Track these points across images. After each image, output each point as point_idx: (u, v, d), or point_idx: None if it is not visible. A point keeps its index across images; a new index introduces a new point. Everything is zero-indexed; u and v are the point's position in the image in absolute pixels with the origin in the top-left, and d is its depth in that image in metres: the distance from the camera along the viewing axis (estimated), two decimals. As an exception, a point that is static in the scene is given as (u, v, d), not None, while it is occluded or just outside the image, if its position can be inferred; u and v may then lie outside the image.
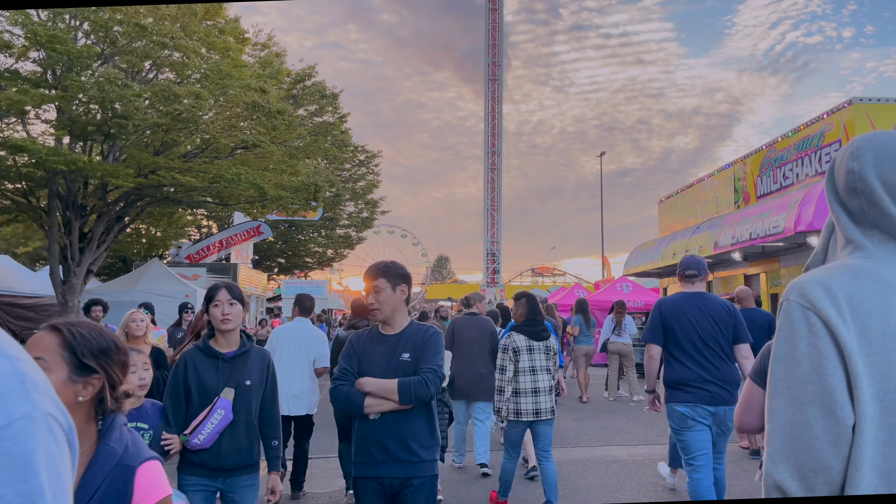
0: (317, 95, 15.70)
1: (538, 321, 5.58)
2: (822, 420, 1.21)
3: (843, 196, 1.41)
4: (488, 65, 55.58)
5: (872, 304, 1.26)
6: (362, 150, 27.71)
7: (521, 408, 5.36)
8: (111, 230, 15.56)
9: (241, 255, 22.19)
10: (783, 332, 1.30)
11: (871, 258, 1.34)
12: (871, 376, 1.21)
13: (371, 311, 3.22)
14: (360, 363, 3.20)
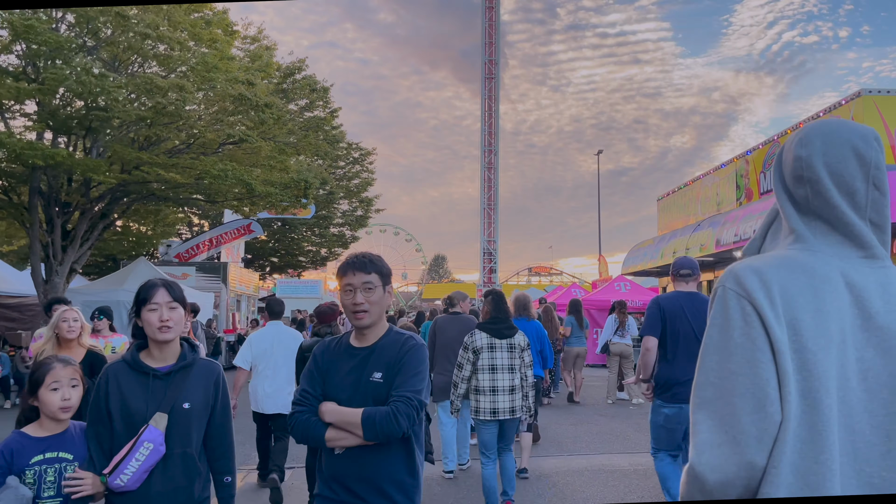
0: (307, 89, 15.20)
1: (502, 319, 5.48)
2: (752, 414, 1.18)
3: (790, 183, 1.36)
4: (485, 63, 55.13)
5: (806, 298, 1.23)
6: (356, 148, 27.24)
7: (480, 406, 5.30)
8: (95, 228, 15.09)
9: (232, 253, 21.70)
10: (717, 321, 1.25)
11: (810, 251, 1.30)
12: (798, 372, 1.19)
13: (357, 314, 2.55)
14: (325, 383, 2.59)
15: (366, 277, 2.56)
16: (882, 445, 1.22)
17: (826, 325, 1.22)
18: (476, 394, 5.35)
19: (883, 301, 1.27)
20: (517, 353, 5.39)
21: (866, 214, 1.31)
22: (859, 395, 1.23)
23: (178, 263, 19.90)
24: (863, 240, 1.30)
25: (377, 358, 2.55)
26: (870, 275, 1.29)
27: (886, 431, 1.22)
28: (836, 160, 1.31)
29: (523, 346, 5.46)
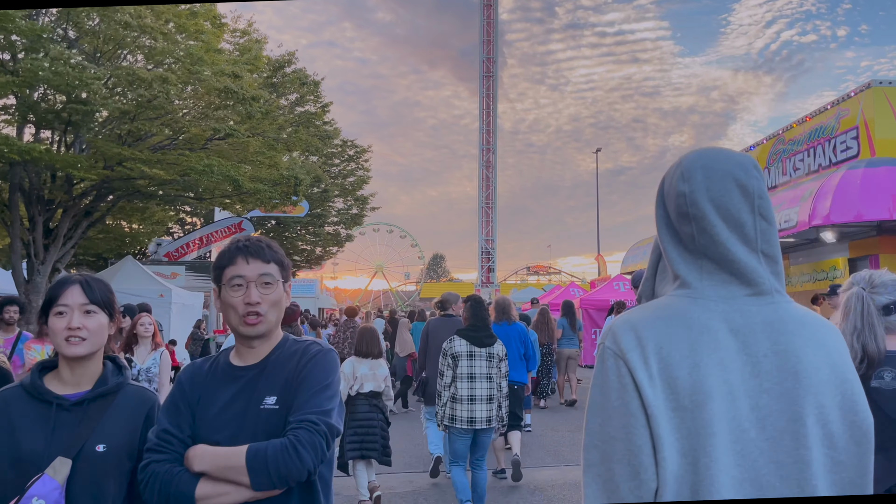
0: (297, 83, 14.74)
1: (482, 327, 5.40)
2: (628, 481, 1.17)
3: (675, 221, 1.32)
4: (483, 61, 54.70)
5: (682, 353, 1.20)
6: (351, 145, 26.74)
7: (457, 414, 5.20)
8: (79, 226, 14.60)
9: (223, 252, 21.26)
10: (598, 381, 1.24)
11: (691, 297, 1.26)
12: (677, 431, 1.16)
13: (250, 317, 1.85)
14: (196, 419, 1.85)
15: (264, 268, 1.88)
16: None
17: (704, 379, 1.17)
18: (453, 402, 5.22)
19: (770, 342, 1.21)
20: (495, 363, 5.30)
21: (758, 247, 1.26)
22: (761, 445, 1.17)
23: (168, 262, 19.42)
24: (749, 276, 1.24)
25: (270, 377, 1.85)
26: (756, 315, 1.23)
27: (797, 482, 1.16)
28: (720, 193, 1.26)
29: (501, 356, 5.37)
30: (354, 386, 5.63)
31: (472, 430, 5.22)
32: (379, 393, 5.74)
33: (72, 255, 14.83)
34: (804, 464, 1.16)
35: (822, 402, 1.19)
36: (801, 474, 1.16)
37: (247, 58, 13.97)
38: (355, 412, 5.64)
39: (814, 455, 1.17)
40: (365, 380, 5.66)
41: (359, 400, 5.66)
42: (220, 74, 12.27)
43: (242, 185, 13.19)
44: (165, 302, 15.73)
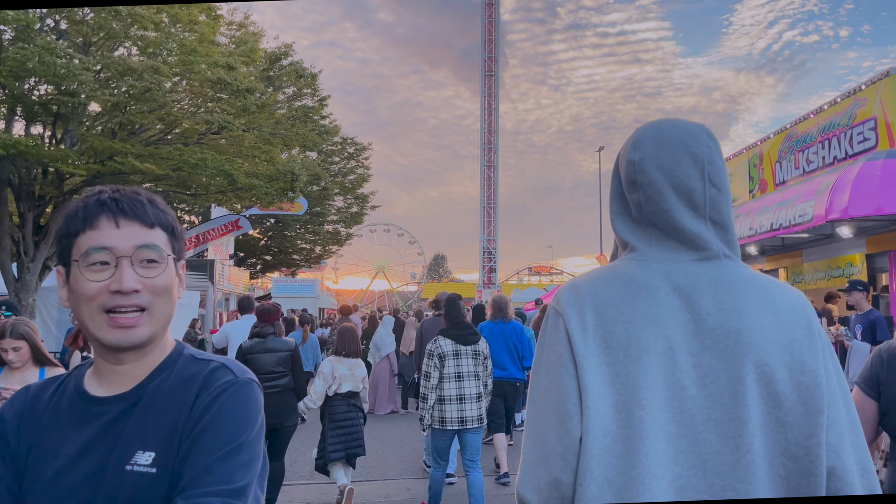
0: (294, 76, 14.30)
1: (464, 324, 5.29)
2: (556, 431, 1.18)
3: (626, 188, 1.32)
4: (485, 60, 54.28)
5: (619, 309, 1.20)
6: (351, 143, 26.31)
7: (447, 416, 5.05)
8: (70, 223, 14.20)
9: (220, 250, 20.81)
10: (541, 339, 1.26)
11: (636, 260, 1.27)
12: (612, 385, 1.16)
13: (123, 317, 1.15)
14: (22, 485, 1.15)
15: (144, 235, 1.18)
16: (731, 455, 1.15)
17: (641, 334, 1.18)
18: (441, 403, 5.07)
19: (715, 300, 1.21)
20: (481, 360, 5.21)
21: (706, 213, 1.25)
22: (700, 402, 1.16)
23: (164, 261, 19.02)
24: (696, 242, 1.24)
25: (146, 419, 1.15)
26: (701, 275, 1.23)
27: (734, 439, 1.15)
28: (669, 161, 1.27)
29: (486, 353, 5.29)
30: (333, 386, 5.47)
31: (461, 429, 5.09)
32: (356, 393, 5.61)
33: (63, 252, 14.43)
34: (741, 422, 1.15)
35: (765, 360, 1.17)
36: (738, 432, 1.15)
37: (242, 50, 13.55)
38: (334, 413, 5.49)
39: (752, 413, 1.15)
40: (344, 380, 5.51)
41: (337, 400, 5.52)
42: (214, 66, 11.85)
43: (237, 181, 12.75)
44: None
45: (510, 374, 6.75)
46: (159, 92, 11.29)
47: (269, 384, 5.29)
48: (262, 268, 28.30)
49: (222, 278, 19.43)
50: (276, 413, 5.24)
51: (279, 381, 5.40)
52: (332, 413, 5.49)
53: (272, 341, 5.49)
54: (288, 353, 5.52)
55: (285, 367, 5.46)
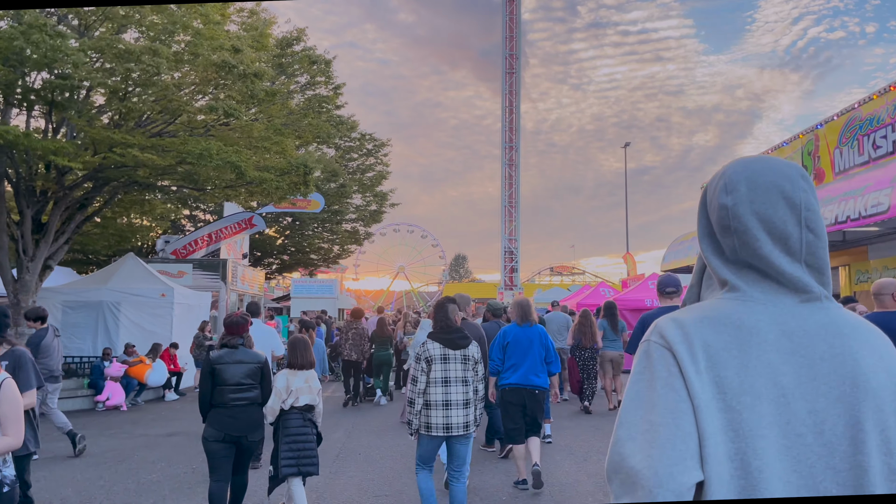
0: (306, 62, 13.25)
1: (453, 328, 5.10)
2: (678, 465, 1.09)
3: (718, 233, 1.28)
4: (506, 57, 53.12)
5: (730, 354, 1.16)
6: (370, 139, 25.29)
7: (432, 421, 4.85)
8: (72, 220, 13.33)
9: (234, 249, 19.94)
10: (642, 374, 1.18)
11: (740, 300, 1.22)
12: (724, 433, 1.11)
13: None
14: None
15: None
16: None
17: (753, 381, 1.13)
18: (427, 408, 4.88)
19: (827, 345, 1.17)
20: (471, 365, 4.99)
21: (801, 258, 1.21)
22: (818, 451, 1.12)
23: (175, 260, 18.15)
24: (797, 284, 1.20)
25: None
26: (808, 318, 1.19)
27: (854, 488, 1.11)
28: (764, 207, 1.22)
29: (477, 357, 5.07)
30: (288, 400, 5.29)
31: (446, 436, 4.89)
32: (313, 407, 5.42)
33: (65, 251, 13.55)
34: (862, 469, 1.11)
35: (880, 406, 1.13)
36: (859, 481, 1.11)
37: (251, 35, 12.59)
38: (288, 426, 5.29)
39: (872, 461, 1.11)
40: (301, 393, 5.33)
41: (292, 414, 5.32)
42: (219, 49, 10.90)
43: (245, 174, 11.79)
44: (167, 302, 14.45)
45: (531, 382, 6.30)
46: (159, 76, 10.35)
47: (236, 396, 5.15)
48: (278, 268, 27.39)
49: (235, 279, 18.53)
50: (241, 427, 5.12)
51: (247, 394, 5.21)
52: (285, 427, 5.29)
53: (241, 353, 5.31)
54: (257, 365, 5.32)
55: (254, 380, 5.27)
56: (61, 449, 8.60)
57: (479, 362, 5.05)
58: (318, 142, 15.37)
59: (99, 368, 12.36)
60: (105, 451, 8.49)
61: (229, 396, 5.09)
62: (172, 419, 11.09)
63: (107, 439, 9.31)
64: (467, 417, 4.89)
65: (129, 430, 10.11)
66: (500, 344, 6.43)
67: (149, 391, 13.28)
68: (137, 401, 12.82)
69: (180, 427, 10.18)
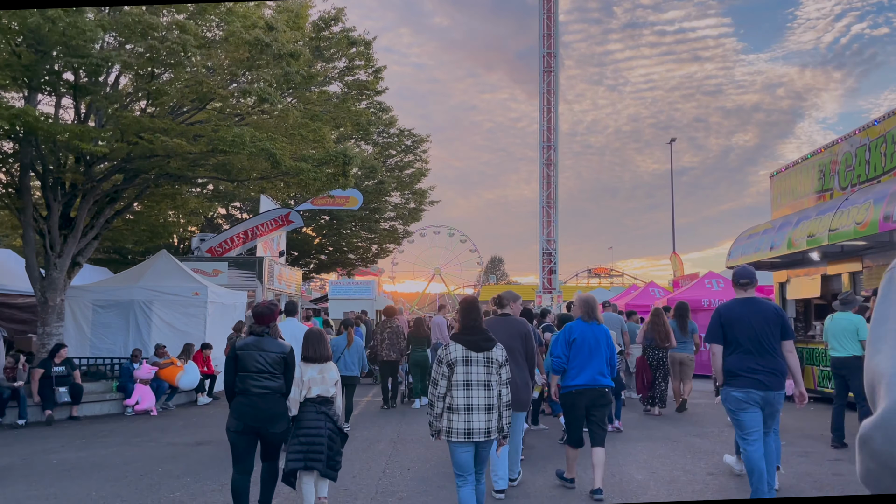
0: (345, 44, 12.26)
1: (478, 329, 4.85)
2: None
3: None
4: (543, 56, 51.87)
5: None
6: (409, 135, 24.30)
7: (453, 426, 4.62)
8: (102, 214, 12.59)
9: (270, 247, 19.12)
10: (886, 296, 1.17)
11: None
12: None
13: None
14: None
15: None
16: None
17: None
18: (448, 412, 4.66)
19: None
20: (494, 369, 4.74)
21: None
22: None
23: (210, 258, 17.40)
24: None
25: None
26: None
27: None
28: None
29: (501, 360, 4.80)
30: (303, 391, 5.25)
31: (469, 442, 4.61)
32: (329, 399, 5.33)
33: (94, 247, 12.81)
34: None
35: None
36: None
37: (286, 17, 11.66)
38: (300, 418, 5.25)
39: None
40: (313, 384, 5.29)
41: (306, 406, 5.27)
42: (252, 27, 10.00)
43: (281, 163, 10.86)
44: (200, 301, 13.63)
45: (599, 383, 5.98)
46: (187, 56, 9.47)
47: (256, 384, 5.01)
48: (316, 267, 26.53)
49: (272, 278, 17.70)
50: (260, 417, 5.01)
51: (267, 383, 5.04)
52: (298, 419, 5.24)
53: (267, 342, 5.16)
54: (281, 355, 5.14)
55: (276, 369, 5.11)
56: (81, 459, 7.74)
57: (503, 366, 4.78)
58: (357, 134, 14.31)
59: (128, 370, 11.57)
60: (128, 463, 7.60)
61: (250, 383, 4.98)
62: (203, 426, 10.20)
63: (132, 449, 8.44)
64: (489, 423, 4.63)
65: (156, 437, 9.24)
66: (564, 340, 6.07)
67: (180, 394, 12.46)
68: (168, 405, 12.00)
69: (211, 434, 9.27)
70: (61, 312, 12.21)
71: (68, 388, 10.63)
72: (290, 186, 13.33)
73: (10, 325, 15.20)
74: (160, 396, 11.74)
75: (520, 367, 6.02)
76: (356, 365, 9.76)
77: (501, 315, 6.43)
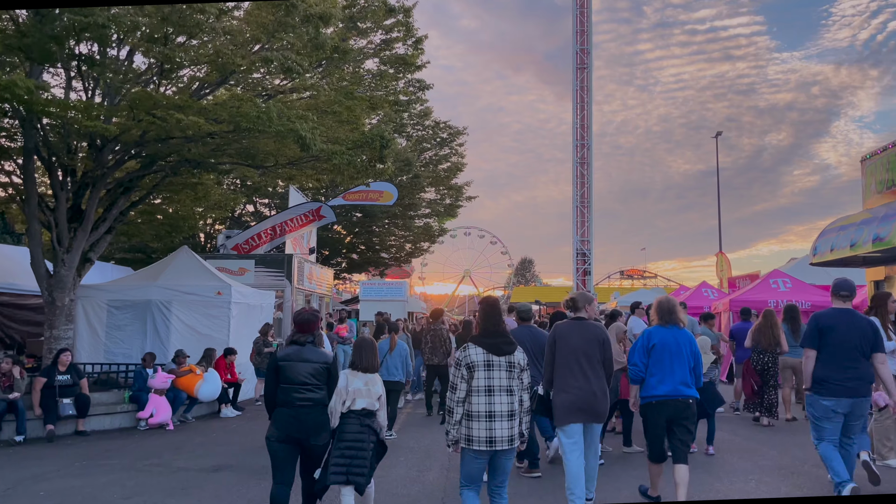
0: (382, 12, 10.73)
1: (499, 331, 4.52)
2: None
3: None
4: (576, 52, 50.17)
5: None
6: (444, 127, 22.75)
7: (473, 434, 4.28)
8: (115, 205, 11.29)
9: (300, 244, 17.76)
10: None
11: None
12: None
13: None
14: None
15: None
16: None
17: None
18: (468, 420, 4.31)
19: None
20: (516, 374, 4.42)
21: None
22: None
23: (236, 256, 16.08)
24: None
25: None
26: None
27: None
28: None
29: (523, 365, 4.49)
30: (346, 402, 4.88)
31: (490, 451, 4.29)
32: (372, 412, 4.95)
33: (107, 242, 11.51)
34: None
35: None
36: None
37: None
38: (342, 430, 4.86)
39: None
40: (358, 395, 4.91)
41: (350, 418, 4.88)
42: (278, -13, 8.58)
43: (310, 145, 9.42)
44: (224, 301, 12.26)
45: (682, 393, 5.43)
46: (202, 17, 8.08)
47: (300, 396, 4.77)
48: (347, 267, 25.12)
49: (302, 277, 16.32)
50: (304, 428, 4.76)
51: (311, 395, 4.81)
52: (341, 431, 4.88)
53: (309, 351, 4.91)
54: (324, 365, 4.91)
55: (319, 380, 4.87)
56: (72, 490, 6.34)
57: (525, 370, 4.52)
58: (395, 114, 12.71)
59: (142, 377, 10.22)
60: (127, 498, 6.19)
61: (293, 396, 4.76)
62: (224, 443, 8.79)
63: (136, 475, 7.03)
64: (512, 430, 4.35)
65: (168, 459, 7.83)
66: (642, 346, 5.58)
67: (202, 405, 11.09)
68: (187, 417, 10.63)
69: (232, 457, 7.85)
70: (70, 314, 10.93)
71: (73, 400, 9.31)
72: (322, 174, 11.89)
73: (23, 328, 14.04)
74: (178, 408, 10.39)
75: (598, 375, 5.49)
76: (399, 370, 9.08)
77: (576, 319, 5.79)
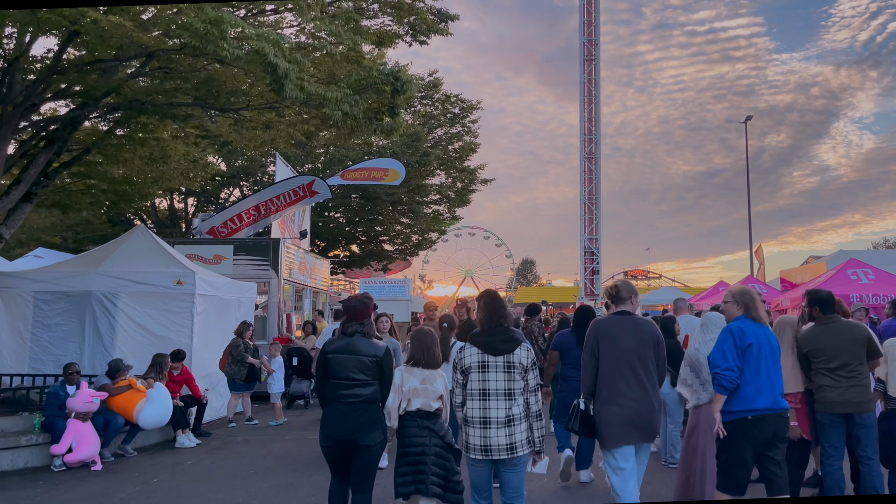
0: None
1: (499, 329, 4.06)
2: None
3: None
4: (583, 43, 47.34)
5: None
6: (456, 101, 19.74)
7: (469, 441, 3.95)
8: (33, 163, 8.27)
9: (289, 227, 14.76)
10: None
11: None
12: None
13: None
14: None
15: None
16: None
17: None
18: (465, 425, 3.98)
19: None
20: (517, 374, 3.94)
21: None
22: None
23: (212, 241, 13.08)
24: None
25: None
26: None
27: None
28: None
29: (526, 364, 3.99)
30: (402, 402, 4.38)
31: (486, 459, 3.87)
32: (431, 413, 4.41)
33: (26, 213, 8.49)
34: None
35: None
36: None
37: None
38: (403, 436, 4.40)
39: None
40: (414, 395, 4.38)
41: (406, 420, 4.39)
42: None
43: (285, 83, 6.42)
44: (185, 292, 9.28)
45: (780, 405, 4.24)
46: None
47: (348, 392, 4.18)
48: (346, 260, 21.99)
49: (292, 267, 13.31)
50: (350, 428, 4.13)
51: (359, 391, 4.18)
52: (400, 436, 4.39)
53: (359, 342, 4.27)
54: (374, 358, 4.23)
55: (370, 375, 4.21)
56: None
57: (528, 370, 3.97)
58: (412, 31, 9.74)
59: (57, 397, 7.21)
60: None
61: (340, 392, 4.16)
62: (173, 493, 5.79)
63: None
64: (511, 438, 3.83)
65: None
66: (736, 346, 4.24)
67: (148, 432, 8.09)
68: (126, 449, 7.64)
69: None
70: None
71: (-52, 431, 6.32)
72: (312, 124, 8.90)
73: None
74: (111, 438, 7.39)
75: (653, 383, 4.37)
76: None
77: (620, 313, 4.56)
